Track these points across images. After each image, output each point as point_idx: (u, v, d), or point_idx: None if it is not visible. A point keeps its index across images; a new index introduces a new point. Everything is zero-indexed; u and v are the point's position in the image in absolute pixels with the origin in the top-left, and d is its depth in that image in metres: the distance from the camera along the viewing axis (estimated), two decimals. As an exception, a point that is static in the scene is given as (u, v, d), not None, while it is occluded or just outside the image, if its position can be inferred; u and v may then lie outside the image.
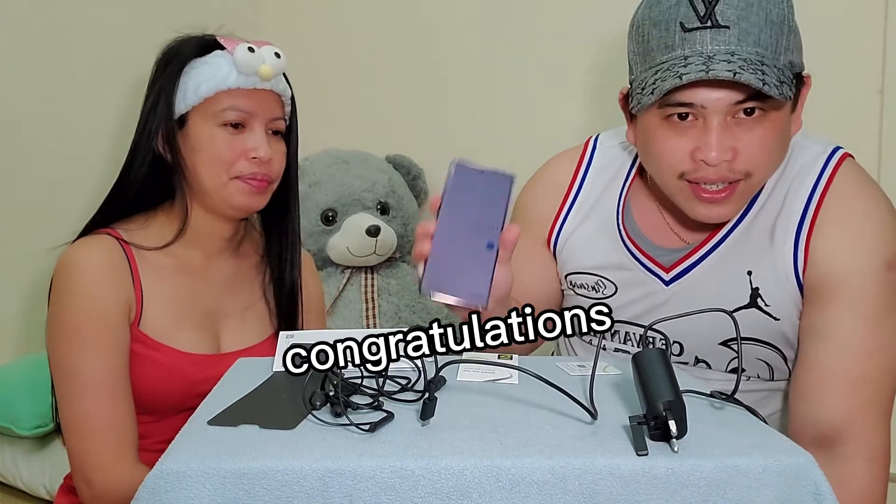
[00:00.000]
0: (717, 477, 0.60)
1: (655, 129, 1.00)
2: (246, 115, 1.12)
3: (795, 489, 0.60)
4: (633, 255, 1.13)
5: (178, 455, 0.62)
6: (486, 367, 0.87)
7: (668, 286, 1.10)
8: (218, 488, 0.60)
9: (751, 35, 0.93)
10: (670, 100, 0.96)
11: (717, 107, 0.95)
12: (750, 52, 0.93)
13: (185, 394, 1.10)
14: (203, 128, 1.12)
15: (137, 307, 1.11)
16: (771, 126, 0.96)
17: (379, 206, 2.13)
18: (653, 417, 0.64)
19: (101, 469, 1.05)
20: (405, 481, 0.60)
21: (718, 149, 0.95)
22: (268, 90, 1.15)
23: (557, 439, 0.64)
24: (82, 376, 1.06)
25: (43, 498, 1.74)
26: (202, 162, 1.12)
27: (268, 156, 1.12)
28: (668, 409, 0.63)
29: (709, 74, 0.90)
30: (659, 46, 0.97)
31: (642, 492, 0.60)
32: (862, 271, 0.99)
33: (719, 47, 0.93)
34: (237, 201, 1.13)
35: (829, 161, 1.05)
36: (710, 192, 0.98)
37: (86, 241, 1.12)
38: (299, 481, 0.60)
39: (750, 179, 0.98)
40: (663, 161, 1.00)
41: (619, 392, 0.79)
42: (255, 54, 1.11)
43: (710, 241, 1.07)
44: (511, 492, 0.60)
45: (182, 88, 1.12)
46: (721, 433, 0.66)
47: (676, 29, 0.95)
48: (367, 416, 0.69)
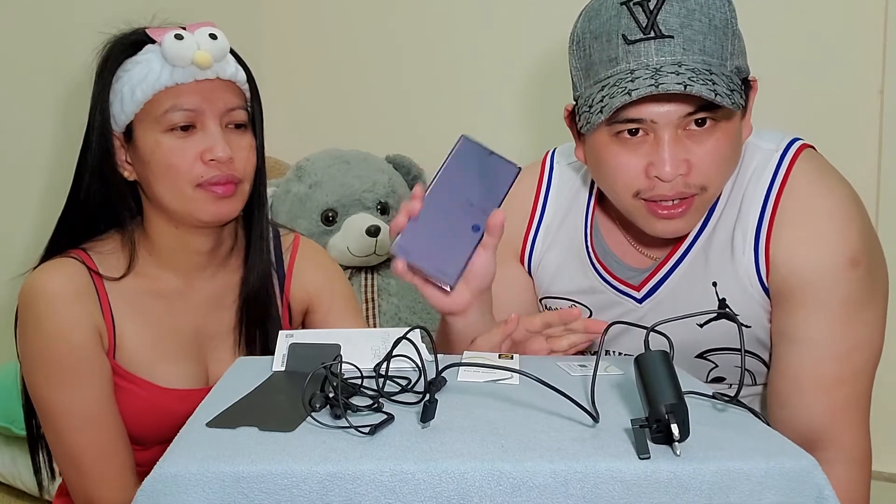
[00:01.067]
0: (720, 480, 0.60)
1: (605, 147, 0.97)
2: (192, 114, 0.98)
3: (798, 492, 0.60)
4: (603, 278, 1.11)
5: (176, 458, 0.62)
6: (487, 368, 0.87)
7: (641, 304, 1.09)
8: (216, 492, 0.59)
9: (696, 43, 0.91)
10: (619, 116, 0.93)
11: (667, 120, 0.92)
12: (696, 62, 0.90)
13: (170, 426, 1.01)
14: (148, 137, 0.99)
15: (110, 336, 1.01)
16: (722, 136, 0.94)
17: (379, 207, 2.12)
18: (655, 420, 0.63)
19: (100, 499, 1.00)
20: (405, 485, 0.60)
21: (672, 163, 0.92)
22: (213, 79, 0.99)
23: (559, 442, 0.64)
24: (62, 411, 0.98)
25: (43, 498, 1.74)
26: (155, 176, 0.99)
27: (227, 155, 0.98)
28: (671, 412, 0.63)
29: (659, 89, 0.87)
30: (602, 60, 0.94)
31: (644, 495, 0.59)
32: (825, 271, 0.97)
33: (665, 58, 0.90)
34: (205, 214, 1.00)
35: (783, 159, 1.01)
36: (666, 208, 0.96)
37: (48, 266, 1.01)
38: (299, 484, 0.60)
39: (705, 193, 0.96)
40: (617, 180, 0.98)
41: (621, 393, 0.79)
42: (185, 41, 0.96)
43: (673, 255, 1.06)
44: (512, 495, 0.59)
45: (118, 97, 0.99)
46: (723, 436, 0.66)
47: (619, 41, 0.92)
48: (367, 419, 0.69)
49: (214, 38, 0.98)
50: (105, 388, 1.00)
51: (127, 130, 1.01)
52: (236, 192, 1.02)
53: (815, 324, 0.97)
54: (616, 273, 1.10)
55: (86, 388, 0.98)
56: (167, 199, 1.00)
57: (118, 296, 1.02)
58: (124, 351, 1.02)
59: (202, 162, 0.98)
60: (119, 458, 1.01)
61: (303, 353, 0.89)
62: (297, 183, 2.12)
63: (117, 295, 1.02)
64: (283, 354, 0.89)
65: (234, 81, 1.03)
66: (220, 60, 1.00)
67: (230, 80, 1.02)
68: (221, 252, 1.11)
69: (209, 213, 1.00)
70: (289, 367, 0.88)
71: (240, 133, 1.03)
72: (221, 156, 0.98)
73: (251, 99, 1.07)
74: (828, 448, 0.97)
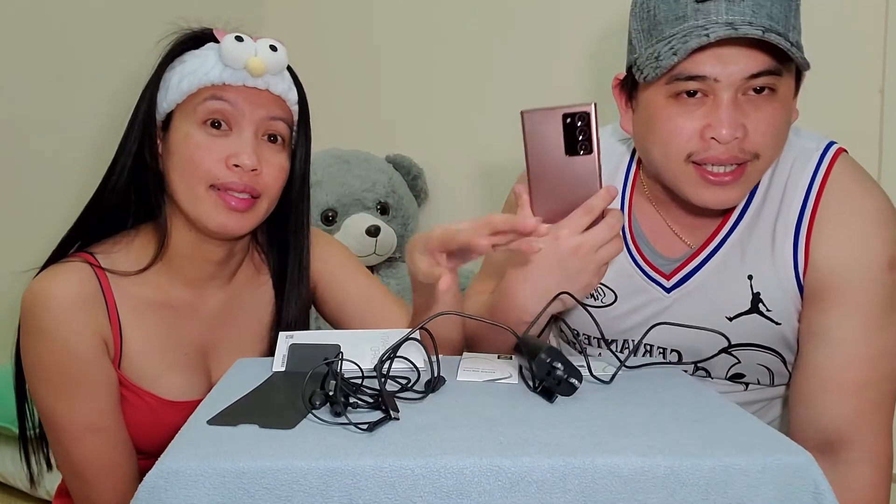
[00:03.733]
0: (717, 476, 0.60)
1: (661, 109, 0.96)
2: (230, 111, 0.96)
3: (795, 488, 0.60)
4: (636, 261, 1.10)
5: (177, 454, 0.62)
6: (486, 367, 0.87)
7: (668, 293, 1.07)
8: (217, 487, 0.60)
9: (764, 8, 0.91)
10: (680, 73, 0.93)
11: (731, 80, 0.92)
12: (765, 24, 0.90)
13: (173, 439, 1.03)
14: (181, 126, 0.97)
15: (116, 346, 0.98)
16: (779, 106, 0.94)
17: (379, 207, 2.13)
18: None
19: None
20: (405, 480, 0.60)
21: (730, 125, 0.92)
22: (262, 89, 0.98)
23: (557, 438, 0.64)
24: (65, 422, 0.95)
25: (43, 498, 1.74)
26: (175, 167, 0.96)
27: (252, 163, 0.95)
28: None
29: (738, 32, 0.87)
30: (668, 19, 0.94)
31: (642, 491, 0.60)
32: (864, 272, 0.97)
33: (734, 17, 0.90)
34: (212, 221, 0.96)
35: (824, 157, 1.02)
36: (717, 175, 0.95)
37: (54, 271, 0.97)
38: (299, 480, 0.60)
39: (757, 161, 0.95)
40: (671, 142, 0.96)
41: (618, 392, 0.80)
42: (245, 45, 0.96)
43: (711, 242, 1.05)
44: (510, 491, 0.60)
45: (166, 84, 0.98)
46: (720, 432, 0.66)
47: (688, 1, 0.92)
48: (366, 416, 0.69)
49: (274, 50, 0.98)
50: (110, 398, 0.97)
51: (166, 120, 1.00)
52: (252, 208, 0.98)
53: (849, 325, 0.97)
54: (648, 257, 1.09)
55: (91, 398, 0.96)
56: (180, 197, 0.97)
57: (126, 304, 0.99)
58: (129, 361, 0.99)
59: (225, 165, 0.95)
60: (123, 469, 0.99)
61: (303, 354, 0.89)
62: (298, 183, 2.12)
63: (125, 303, 0.99)
64: (284, 355, 0.90)
65: (284, 99, 1.01)
66: (275, 74, 0.99)
67: (279, 96, 1.00)
68: (232, 264, 1.08)
69: (216, 223, 0.96)
70: (289, 367, 0.88)
71: (275, 148, 1.00)
72: (247, 163, 0.95)
73: (299, 122, 1.05)
74: (851, 450, 0.97)
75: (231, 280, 1.08)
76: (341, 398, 0.70)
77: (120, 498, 0.98)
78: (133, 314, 0.99)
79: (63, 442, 0.97)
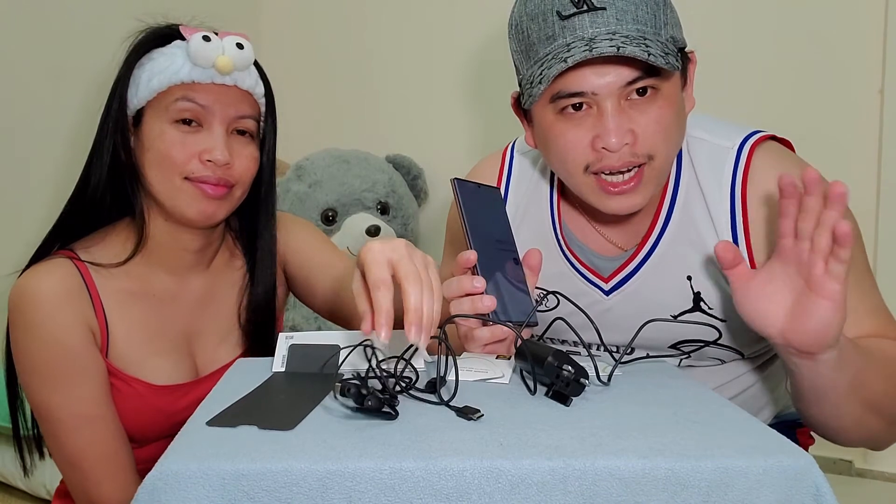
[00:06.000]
0: (718, 478, 0.60)
1: (552, 126, 0.98)
2: (200, 111, 1.00)
3: (796, 490, 0.60)
4: (573, 264, 1.11)
5: (176, 456, 0.62)
6: (480, 367, 0.87)
7: (608, 296, 1.08)
8: (217, 489, 0.60)
9: (628, 13, 0.92)
10: (561, 91, 0.94)
11: (609, 91, 0.93)
12: (630, 30, 0.91)
13: (164, 424, 1.04)
14: (154, 124, 1.00)
15: (103, 336, 1.01)
16: (665, 104, 0.95)
17: (379, 206, 2.13)
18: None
19: (100, 498, 1.01)
20: (404, 482, 0.60)
21: (617, 133, 0.93)
22: (230, 85, 1.02)
23: (557, 440, 0.64)
24: (59, 413, 0.98)
25: (43, 498, 1.74)
26: (150, 162, 1.01)
27: (225, 158, 1.00)
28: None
29: (593, 52, 0.89)
30: (540, 39, 0.95)
31: (642, 493, 0.60)
32: None
33: (599, 29, 0.91)
34: (191, 209, 1.01)
35: (741, 153, 1.02)
36: (617, 185, 0.96)
37: (38, 268, 1.00)
38: (298, 482, 0.60)
39: (653, 162, 0.96)
40: (566, 157, 0.98)
41: (618, 393, 0.79)
42: (212, 44, 0.99)
43: (645, 245, 1.06)
44: (511, 493, 0.60)
45: (135, 82, 1.01)
46: (722, 434, 0.66)
47: (554, 18, 0.93)
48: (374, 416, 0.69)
49: (241, 48, 1.01)
50: (102, 387, 1.00)
51: (136, 116, 1.03)
52: (227, 195, 1.03)
53: None
54: (585, 260, 1.10)
55: (82, 388, 0.98)
56: (157, 189, 1.01)
57: (109, 295, 1.02)
58: (116, 349, 1.02)
59: (199, 161, 1.00)
60: (119, 458, 1.01)
61: (302, 354, 0.89)
62: (297, 182, 2.12)
63: (108, 294, 1.02)
64: (283, 355, 0.90)
65: (251, 93, 1.05)
66: (242, 70, 1.02)
67: (247, 91, 1.04)
68: (209, 252, 1.12)
69: (195, 211, 1.01)
70: (288, 367, 0.88)
71: (244, 141, 1.05)
72: (219, 158, 0.99)
73: (266, 114, 1.09)
74: None
75: (209, 267, 1.13)
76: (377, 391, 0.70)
77: (118, 486, 1.00)
78: (117, 305, 1.02)
79: (59, 434, 0.99)
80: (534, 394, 0.78)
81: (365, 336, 0.77)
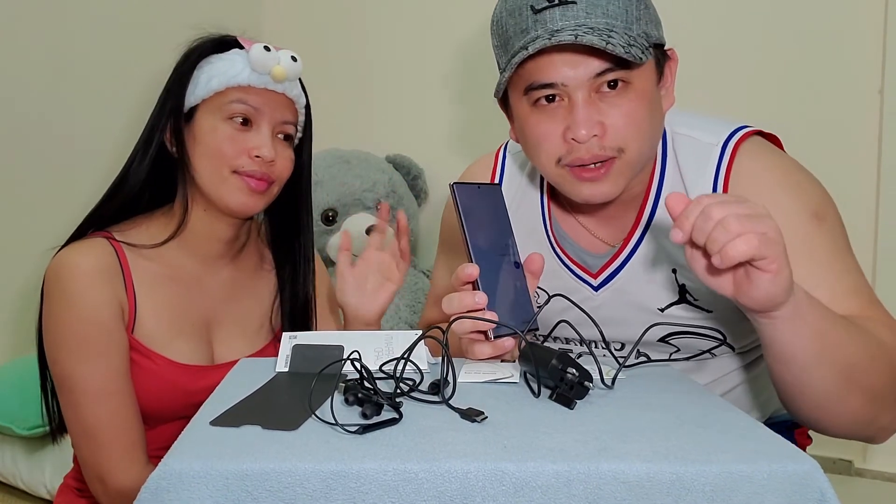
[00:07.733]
0: (722, 483, 0.60)
1: (528, 117, 1.00)
2: (253, 112, 1.11)
3: (800, 495, 0.60)
4: (563, 261, 1.12)
5: (180, 455, 0.62)
6: (488, 369, 0.87)
7: (597, 292, 1.09)
8: (220, 489, 0.60)
9: (598, 7, 0.93)
10: (533, 83, 0.96)
11: (578, 82, 0.94)
12: (599, 23, 0.92)
13: (180, 403, 1.09)
14: (208, 120, 1.10)
15: (130, 313, 1.09)
16: (636, 97, 0.95)
17: (379, 206, 2.12)
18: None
19: (111, 472, 1.05)
20: (408, 484, 0.60)
21: (586, 125, 0.94)
22: (280, 93, 1.13)
23: (561, 443, 0.64)
24: (84, 384, 1.04)
25: (43, 497, 1.74)
26: (202, 154, 1.10)
27: (271, 156, 1.10)
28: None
29: (552, 41, 0.90)
30: (515, 33, 0.97)
31: (647, 497, 0.59)
32: (792, 234, 0.91)
33: (568, 22, 0.93)
34: (234, 200, 1.11)
35: (726, 147, 1.02)
36: (589, 171, 0.97)
37: (75, 245, 1.08)
38: (302, 483, 0.60)
39: (624, 155, 0.96)
40: (540, 149, 0.99)
41: (622, 396, 0.79)
42: (271, 54, 1.10)
43: (630, 240, 1.07)
44: (515, 496, 0.60)
45: (194, 81, 1.11)
46: (726, 438, 0.66)
47: (528, 13, 0.95)
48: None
49: (294, 61, 1.13)
50: (123, 362, 1.06)
51: (188, 112, 1.12)
52: (267, 190, 1.13)
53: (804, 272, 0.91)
54: (574, 257, 1.11)
55: (107, 361, 1.04)
56: (204, 179, 1.10)
57: (141, 275, 1.10)
58: (143, 327, 1.09)
59: (248, 156, 1.10)
60: (132, 434, 1.06)
61: (306, 355, 0.89)
62: (298, 182, 2.12)
63: (140, 274, 1.10)
64: (287, 356, 0.90)
65: (295, 102, 1.17)
66: (293, 80, 1.15)
67: (292, 100, 1.16)
68: (237, 245, 1.21)
69: (238, 202, 1.11)
70: (292, 368, 0.88)
71: (285, 145, 1.16)
72: (267, 155, 1.10)
73: (305, 124, 1.22)
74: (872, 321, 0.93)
75: (235, 260, 1.21)
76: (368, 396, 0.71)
77: (129, 461, 1.05)
78: (147, 285, 1.10)
79: (80, 404, 1.05)
80: (538, 396, 0.78)
81: None
